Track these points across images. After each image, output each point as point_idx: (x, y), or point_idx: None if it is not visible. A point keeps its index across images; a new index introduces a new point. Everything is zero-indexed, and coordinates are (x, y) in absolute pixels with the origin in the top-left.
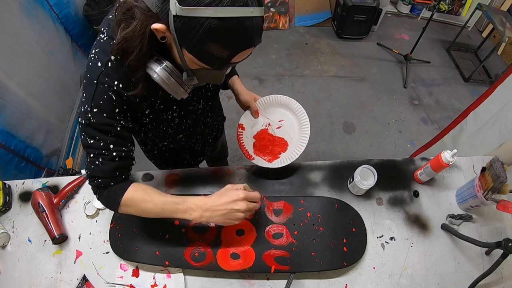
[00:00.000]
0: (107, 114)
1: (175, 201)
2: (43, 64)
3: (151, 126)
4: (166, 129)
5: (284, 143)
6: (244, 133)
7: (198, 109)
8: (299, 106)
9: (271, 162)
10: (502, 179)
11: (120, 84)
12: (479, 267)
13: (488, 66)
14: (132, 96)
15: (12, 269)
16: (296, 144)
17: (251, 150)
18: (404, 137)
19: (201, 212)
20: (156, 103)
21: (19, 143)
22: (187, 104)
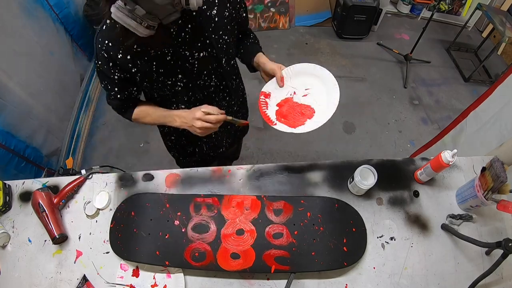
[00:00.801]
0: (106, 66)
1: (164, 115)
2: (43, 64)
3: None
4: (171, 97)
5: (311, 110)
6: (266, 100)
7: (210, 86)
8: (328, 72)
9: (295, 128)
10: (502, 179)
11: (110, 43)
12: (479, 267)
13: (488, 66)
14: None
15: (12, 269)
16: (323, 111)
17: (273, 116)
18: (404, 137)
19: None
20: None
21: (19, 143)
22: (196, 78)
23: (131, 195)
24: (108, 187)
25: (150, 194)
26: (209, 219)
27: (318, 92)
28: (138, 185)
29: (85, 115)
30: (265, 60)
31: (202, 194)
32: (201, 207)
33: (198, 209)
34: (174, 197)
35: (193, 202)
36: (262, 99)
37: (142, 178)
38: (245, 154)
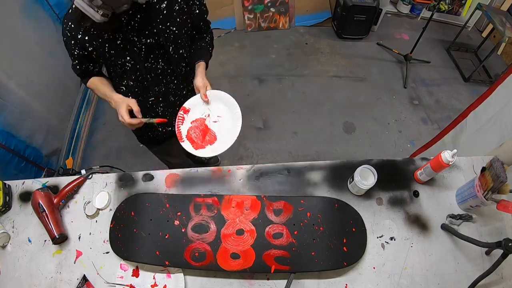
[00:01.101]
0: (68, 42)
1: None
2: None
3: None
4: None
5: (214, 137)
6: (184, 116)
7: (157, 69)
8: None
9: (196, 150)
10: (502, 179)
11: (72, 25)
12: (479, 267)
13: (488, 66)
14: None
15: (12, 269)
16: (221, 143)
17: (184, 133)
18: (404, 137)
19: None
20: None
21: (19, 143)
22: (144, 61)
23: (131, 195)
24: (108, 187)
25: (150, 194)
26: (209, 219)
27: (225, 123)
28: (138, 185)
29: (85, 115)
30: (199, 73)
31: (202, 194)
32: (201, 207)
33: (198, 209)
34: (174, 197)
35: (193, 202)
36: (180, 114)
37: (142, 178)
38: (245, 154)
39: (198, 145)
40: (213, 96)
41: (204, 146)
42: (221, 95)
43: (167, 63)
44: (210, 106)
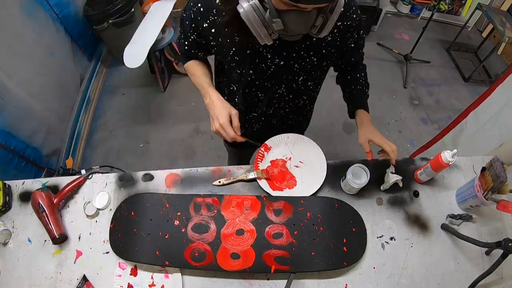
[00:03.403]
0: (188, 23)
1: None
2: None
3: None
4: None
5: (293, 182)
6: (264, 153)
7: (275, 92)
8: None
9: (274, 190)
10: (502, 179)
11: (202, 8)
12: (479, 267)
13: (488, 66)
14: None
15: (12, 269)
16: (300, 189)
17: (261, 166)
18: (404, 137)
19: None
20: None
21: (19, 143)
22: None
23: (131, 195)
24: (108, 187)
25: (150, 194)
26: (209, 219)
27: (308, 171)
28: (138, 185)
29: (85, 115)
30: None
31: (202, 194)
32: (201, 207)
33: (198, 209)
34: (174, 197)
35: (193, 202)
36: (261, 151)
37: (142, 178)
38: None
39: (276, 186)
40: (297, 140)
41: (282, 189)
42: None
43: (289, 91)
44: (292, 149)
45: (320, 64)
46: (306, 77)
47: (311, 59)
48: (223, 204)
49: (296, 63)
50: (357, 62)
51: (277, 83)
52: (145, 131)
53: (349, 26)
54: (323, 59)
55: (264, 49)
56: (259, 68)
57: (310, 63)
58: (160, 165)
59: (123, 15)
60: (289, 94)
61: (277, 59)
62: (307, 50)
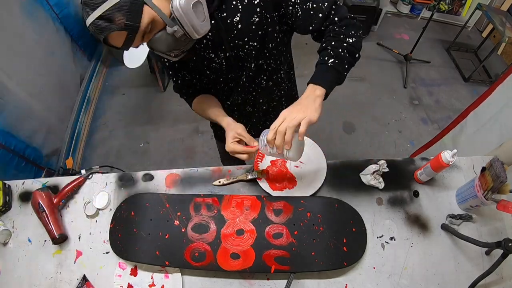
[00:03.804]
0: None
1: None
2: (43, 64)
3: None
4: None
5: (293, 182)
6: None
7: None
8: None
9: (273, 190)
10: (502, 179)
11: None
12: (479, 267)
13: (488, 66)
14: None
15: (12, 269)
16: (301, 189)
17: (261, 166)
18: (404, 137)
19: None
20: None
21: (19, 143)
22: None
23: (131, 195)
24: (108, 187)
25: (150, 194)
26: (209, 219)
27: (308, 171)
28: (138, 185)
29: (85, 115)
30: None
31: (202, 194)
32: (201, 207)
33: (198, 209)
34: (174, 197)
35: (193, 202)
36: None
37: (142, 178)
38: None
39: (276, 186)
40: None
41: (282, 189)
42: (307, 142)
43: (247, 76)
44: None
45: (263, 45)
46: (257, 59)
47: (251, 45)
48: (223, 204)
49: (239, 51)
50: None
51: (234, 73)
52: (145, 131)
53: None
54: (263, 40)
55: (204, 52)
56: (213, 68)
57: (253, 47)
58: (160, 165)
59: None
60: (249, 79)
61: (221, 54)
62: (241, 37)
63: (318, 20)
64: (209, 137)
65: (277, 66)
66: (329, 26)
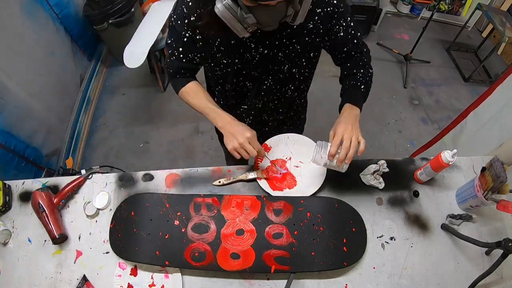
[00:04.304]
0: (180, 22)
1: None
2: (43, 64)
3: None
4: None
5: (293, 182)
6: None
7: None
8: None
9: (273, 190)
10: (502, 179)
11: (190, 2)
12: (479, 267)
13: (488, 66)
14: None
15: (12, 269)
16: (301, 189)
17: (261, 166)
18: (404, 137)
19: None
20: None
21: (19, 143)
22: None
23: (131, 195)
24: (108, 187)
25: (150, 194)
26: (209, 219)
27: (308, 171)
28: (138, 185)
29: (85, 115)
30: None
31: (202, 194)
32: (201, 207)
33: (198, 209)
34: (174, 197)
35: (193, 202)
36: None
37: (142, 178)
38: None
39: (276, 186)
40: (297, 140)
41: (282, 189)
42: (307, 142)
43: (275, 80)
44: (292, 149)
45: (304, 52)
46: (291, 65)
47: (295, 47)
48: (223, 204)
49: (279, 52)
50: (355, 55)
51: (263, 73)
52: (145, 131)
53: (331, 12)
54: (307, 47)
55: (247, 39)
56: (244, 58)
57: (294, 51)
58: (160, 165)
59: (123, 15)
60: (277, 85)
61: (261, 48)
62: (290, 38)
63: (352, 45)
64: (209, 137)
65: (309, 75)
66: (358, 54)
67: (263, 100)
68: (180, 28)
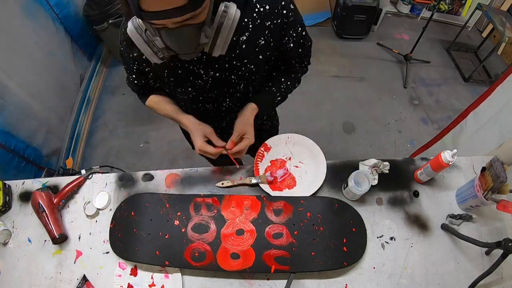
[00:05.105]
0: (126, 54)
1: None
2: (43, 64)
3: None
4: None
5: (293, 182)
6: (264, 153)
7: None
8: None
9: (273, 190)
10: (502, 179)
11: (125, 42)
12: (479, 267)
13: (488, 66)
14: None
15: (12, 269)
16: (301, 189)
17: (262, 171)
18: (404, 137)
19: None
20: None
21: (19, 143)
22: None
23: (131, 195)
24: (108, 187)
25: (150, 194)
26: (209, 219)
27: (308, 171)
28: (138, 185)
29: (85, 115)
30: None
31: (202, 194)
32: (201, 207)
33: (198, 209)
34: (174, 197)
35: (193, 202)
36: (261, 151)
37: (142, 178)
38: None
39: (276, 187)
40: (297, 140)
41: (282, 189)
42: (307, 142)
43: (235, 100)
44: (292, 149)
45: (258, 69)
46: (246, 83)
47: (247, 67)
48: (223, 204)
49: (232, 74)
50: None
51: (220, 95)
52: (145, 131)
53: (281, 23)
54: (260, 64)
55: (194, 67)
56: (197, 84)
57: (247, 71)
58: (160, 165)
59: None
60: (236, 103)
61: (211, 72)
62: (240, 59)
63: (297, 55)
64: None
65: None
66: (297, 64)
67: (226, 120)
68: (127, 60)
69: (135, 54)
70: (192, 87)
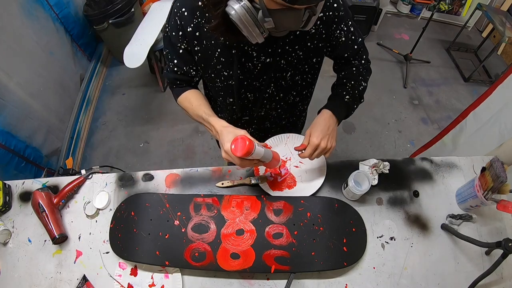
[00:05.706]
0: (175, 33)
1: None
2: (43, 64)
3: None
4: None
5: (293, 182)
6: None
7: (265, 92)
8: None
9: (273, 190)
10: (502, 179)
11: (186, 12)
12: (479, 267)
13: (488, 66)
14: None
15: (12, 269)
16: (301, 189)
17: (262, 171)
18: (404, 137)
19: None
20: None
21: (19, 143)
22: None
23: (131, 195)
24: (108, 187)
25: (150, 194)
26: (209, 219)
27: (308, 171)
28: (138, 185)
29: (85, 115)
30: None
31: (202, 194)
32: (201, 207)
33: (198, 209)
34: (174, 197)
35: (193, 202)
36: None
37: (142, 178)
38: None
39: (276, 187)
40: (297, 140)
41: (282, 189)
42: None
43: (278, 88)
44: (292, 149)
45: (306, 58)
46: (294, 72)
47: (297, 53)
48: (223, 204)
49: (282, 59)
50: (354, 62)
51: (265, 82)
52: (145, 131)
53: (332, 16)
54: (309, 53)
55: (249, 48)
56: (246, 67)
57: (296, 58)
58: (160, 165)
59: (123, 15)
60: (279, 93)
61: (263, 56)
62: (292, 44)
63: (352, 51)
64: (209, 137)
65: (311, 81)
66: (356, 61)
67: (265, 108)
68: (175, 40)
69: (188, 29)
70: (241, 69)
